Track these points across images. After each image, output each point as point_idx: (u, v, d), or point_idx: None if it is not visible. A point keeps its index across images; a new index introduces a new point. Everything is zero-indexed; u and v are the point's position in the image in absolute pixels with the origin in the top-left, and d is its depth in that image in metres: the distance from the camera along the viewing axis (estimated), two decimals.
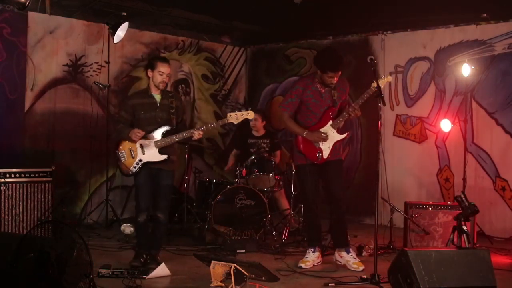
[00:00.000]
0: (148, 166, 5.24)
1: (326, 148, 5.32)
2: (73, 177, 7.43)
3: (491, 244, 6.44)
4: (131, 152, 5.24)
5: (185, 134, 5.21)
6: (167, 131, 5.26)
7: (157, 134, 5.25)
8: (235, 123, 5.26)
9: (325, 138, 5.29)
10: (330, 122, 5.32)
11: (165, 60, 5.36)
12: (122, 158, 5.26)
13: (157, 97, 5.32)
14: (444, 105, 7.60)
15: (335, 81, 5.26)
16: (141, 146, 5.23)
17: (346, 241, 5.44)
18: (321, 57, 5.32)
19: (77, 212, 7.47)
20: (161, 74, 5.23)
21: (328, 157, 5.33)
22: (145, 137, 5.23)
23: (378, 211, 5.05)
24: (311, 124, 5.38)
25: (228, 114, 5.22)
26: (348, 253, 5.37)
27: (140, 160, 5.22)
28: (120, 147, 5.28)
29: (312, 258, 5.41)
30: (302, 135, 5.36)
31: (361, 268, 5.18)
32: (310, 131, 5.34)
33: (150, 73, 5.29)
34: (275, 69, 9.41)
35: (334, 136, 5.33)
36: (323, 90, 5.35)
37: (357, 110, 5.24)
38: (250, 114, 5.22)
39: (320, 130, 5.30)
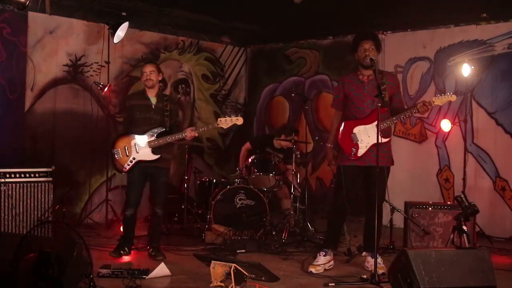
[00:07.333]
0: (140, 164, 5.53)
1: (362, 147, 5.13)
2: (73, 177, 7.42)
3: (491, 244, 6.43)
4: (125, 150, 5.52)
5: (178, 136, 5.48)
6: (161, 132, 5.52)
7: (151, 134, 5.52)
8: (225, 127, 5.48)
9: (331, 163, 5.39)
10: (376, 122, 5.03)
11: (148, 61, 5.89)
12: (117, 156, 5.55)
13: (153, 99, 5.66)
14: (444, 105, 7.58)
15: (369, 53, 5.05)
16: (135, 145, 5.51)
17: (371, 246, 5.22)
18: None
19: (77, 212, 7.47)
20: (143, 74, 5.63)
21: (368, 159, 5.12)
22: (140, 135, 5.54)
23: None
24: (355, 119, 5.20)
25: (218, 120, 5.47)
26: (372, 258, 5.23)
27: (134, 158, 5.52)
28: (116, 145, 5.57)
29: (323, 262, 5.21)
30: (327, 143, 5.42)
31: (381, 272, 4.91)
32: (333, 147, 5.33)
33: None
34: (275, 69, 9.40)
35: (374, 137, 5.03)
36: (366, 80, 5.17)
37: (407, 117, 5.25)
38: (239, 120, 5.41)
39: (365, 126, 5.08)
